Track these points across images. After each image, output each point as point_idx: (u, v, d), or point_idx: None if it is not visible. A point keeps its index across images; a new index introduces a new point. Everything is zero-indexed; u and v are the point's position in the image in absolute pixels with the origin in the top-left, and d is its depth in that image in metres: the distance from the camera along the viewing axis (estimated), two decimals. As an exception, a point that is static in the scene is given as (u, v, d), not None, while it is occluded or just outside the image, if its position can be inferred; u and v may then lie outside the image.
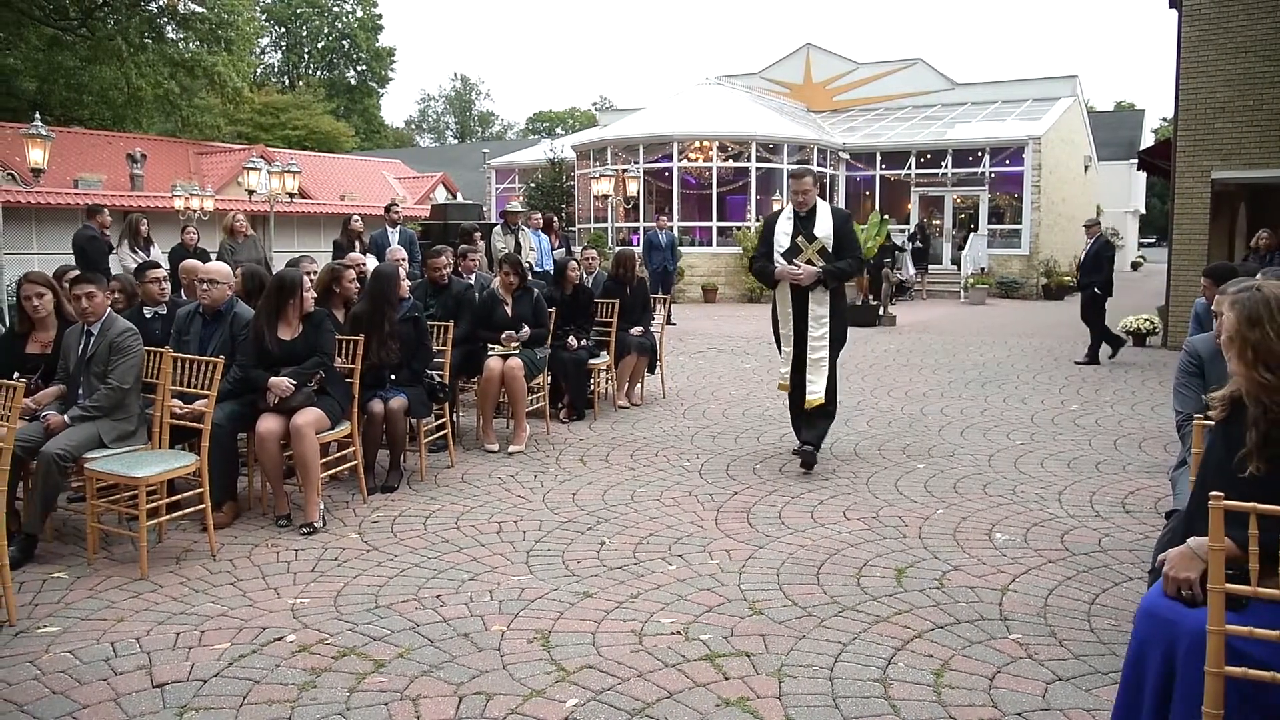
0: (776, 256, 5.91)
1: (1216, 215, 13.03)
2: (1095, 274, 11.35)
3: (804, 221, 5.92)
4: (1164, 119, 51.39)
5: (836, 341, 6.04)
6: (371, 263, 8.31)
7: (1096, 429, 7.34)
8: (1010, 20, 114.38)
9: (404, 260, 8.26)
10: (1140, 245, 45.71)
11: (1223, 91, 12.35)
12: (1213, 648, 2.10)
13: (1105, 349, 11.35)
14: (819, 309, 5.92)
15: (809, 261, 5.80)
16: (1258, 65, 12.09)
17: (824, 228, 5.89)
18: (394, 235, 11.29)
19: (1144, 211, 45.56)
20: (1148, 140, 39.65)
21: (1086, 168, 29.94)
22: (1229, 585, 2.13)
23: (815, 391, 5.90)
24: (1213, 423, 2.54)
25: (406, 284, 6.08)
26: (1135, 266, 39.37)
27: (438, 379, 6.08)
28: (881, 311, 15.88)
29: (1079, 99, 27.79)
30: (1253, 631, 2.10)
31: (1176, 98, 12.85)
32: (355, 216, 11.78)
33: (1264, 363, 2.36)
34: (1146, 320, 13.10)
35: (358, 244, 10.81)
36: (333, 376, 5.21)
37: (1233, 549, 2.18)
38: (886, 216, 19.37)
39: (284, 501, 4.99)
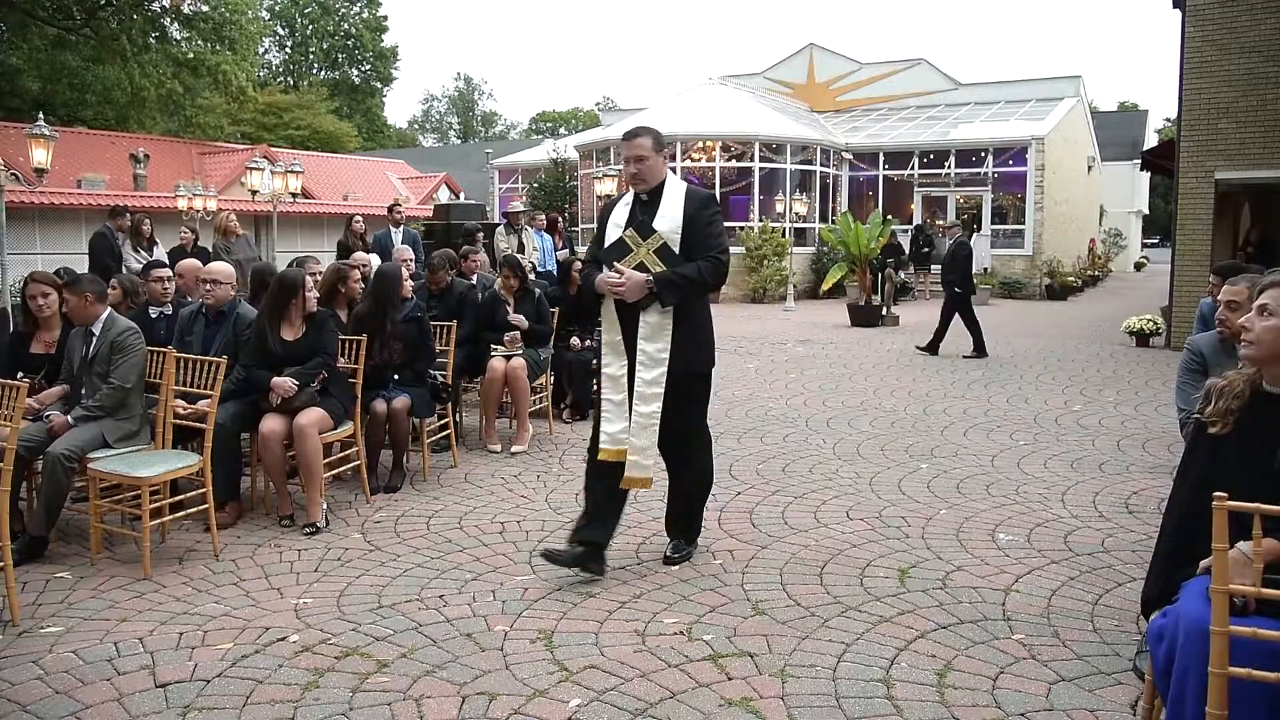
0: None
1: (1220, 215, 13.01)
2: (952, 273, 12.00)
3: (644, 207, 4.12)
4: (1167, 119, 51.29)
5: (689, 391, 4.12)
6: (375, 263, 8.32)
7: (1100, 429, 7.33)
8: (1014, 20, 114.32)
9: (410, 260, 8.27)
10: (1144, 245, 45.69)
11: (1226, 92, 12.33)
12: (1216, 648, 2.09)
13: (970, 346, 11.78)
14: (652, 340, 4.00)
15: (640, 266, 3.99)
16: (1261, 65, 12.07)
17: (669, 217, 4.04)
18: (397, 235, 11.30)
19: (1147, 212, 45.51)
20: (1151, 140, 39.62)
21: (1090, 168, 29.92)
22: (1265, 590, 2.12)
23: (635, 464, 4.00)
24: (1216, 431, 2.49)
25: (409, 284, 6.09)
26: (1139, 267, 39.34)
27: (440, 379, 6.08)
28: (884, 312, 15.87)
29: (1082, 99, 27.77)
30: (1256, 632, 2.09)
31: (1180, 98, 12.83)
32: (357, 217, 11.80)
33: None
34: (1150, 320, 13.08)
35: (361, 244, 10.82)
36: (336, 377, 5.21)
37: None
38: (890, 217, 19.37)
39: (287, 501, 4.99)
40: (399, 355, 5.68)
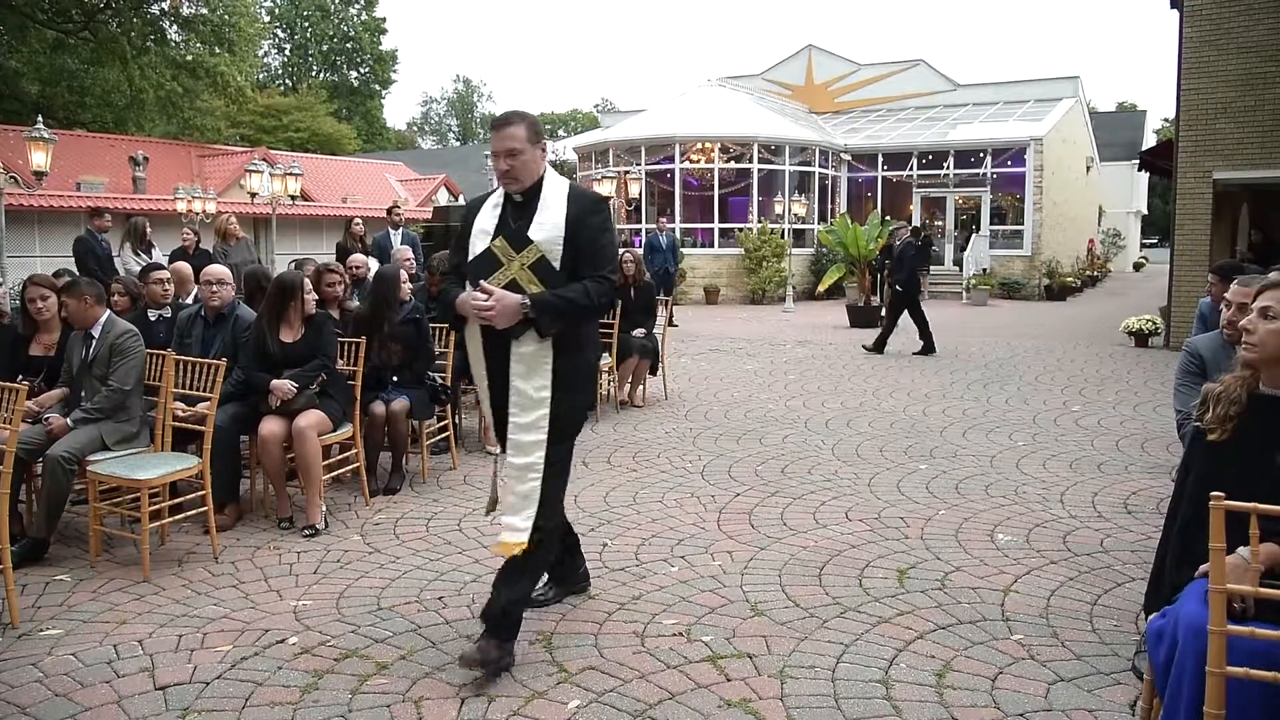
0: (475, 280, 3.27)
1: (1218, 216, 13.02)
2: (899, 272, 12.33)
3: (518, 212, 3.33)
4: (1166, 119, 51.35)
5: (561, 432, 3.30)
6: (374, 265, 8.32)
7: (1099, 429, 7.33)
8: (1012, 21, 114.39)
9: (410, 260, 8.27)
10: (1143, 246, 45.68)
11: (1224, 92, 12.34)
12: (1213, 648, 2.09)
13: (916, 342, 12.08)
14: (529, 377, 3.23)
15: (512, 284, 3.20)
16: (1259, 65, 12.09)
17: (549, 225, 3.27)
18: (396, 237, 11.30)
19: (1146, 212, 45.53)
20: (1149, 141, 39.64)
21: (1088, 168, 29.95)
22: (1262, 590, 2.12)
23: (511, 525, 3.24)
24: (1216, 438, 2.48)
25: (408, 286, 6.09)
26: (1138, 267, 39.36)
27: (440, 381, 6.08)
28: (883, 312, 15.85)
29: (1081, 100, 27.79)
30: (1254, 632, 2.10)
31: (1178, 98, 12.84)
32: (357, 219, 11.80)
33: None
34: (1149, 321, 13.09)
35: (360, 246, 10.82)
36: (335, 379, 5.21)
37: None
38: (889, 218, 19.39)
39: (286, 504, 4.99)
40: (398, 357, 5.68)
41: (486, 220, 3.36)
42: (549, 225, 3.27)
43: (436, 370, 6.12)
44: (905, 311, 12.15)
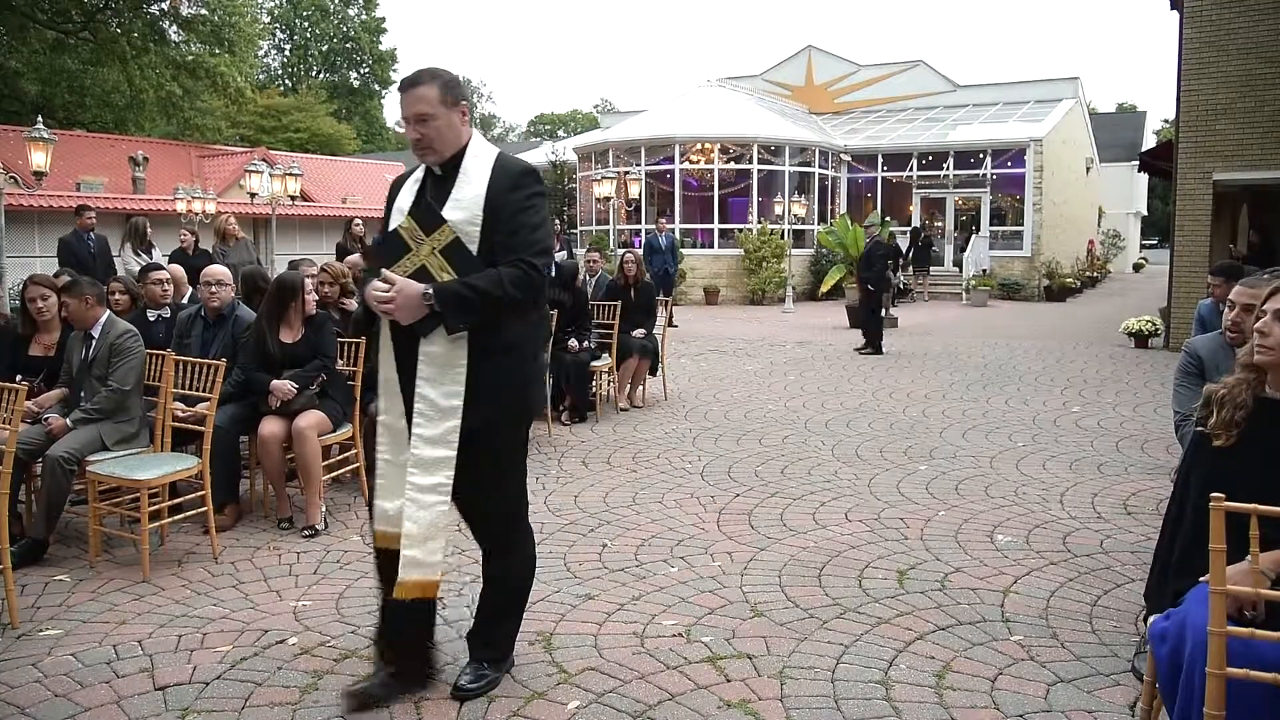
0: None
1: (1218, 217, 13.04)
2: (868, 271, 12.66)
3: (436, 186, 2.92)
4: (1166, 120, 51.38)
5: (492, 454, 2.95)
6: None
7: (1099, 430, 7.33)
8: (1012, 22, 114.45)
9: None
10: (1143, 247, 45.69)
11: (1224, 93, 12.35)
12: (1214, 649, 2.09)
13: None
14: (436, 381, 2.82)
15: (420, 272, 2.79)
16: (1259, 67, 12.10)
17: (466, 201, 2.84)
18: (396, 238, 11.28)
19: (1146, 213, 45.53)
20: (1149, 142, 39.65)
21: (1088, 169, 29.96)
22: (1264, 592, 2.11)
23: (413, 561, 2.85)
24: (1222, 444, 2.43)
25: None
26: (1138, 268, 39.37)
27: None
28: (883, 313, 15.84)
29: (1081, 100, 27.81)
30: (1254, 633, 2.10)
31: (1178, 99, 12.85)
32: (356, 219, 11.80)
33: None
34: (1149, 321, 13.10)
35: (360, 247, 10.83)
36: (335, 379, 5.21)
37: None
38: (889, 219, 19.39)
39: (286, 504, 4.99)
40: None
41: (404, 198, 2.94)
42: (466, 202, 2.82)
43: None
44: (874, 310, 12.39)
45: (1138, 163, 24.01)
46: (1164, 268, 16.22)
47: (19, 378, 4.77)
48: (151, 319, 5.63)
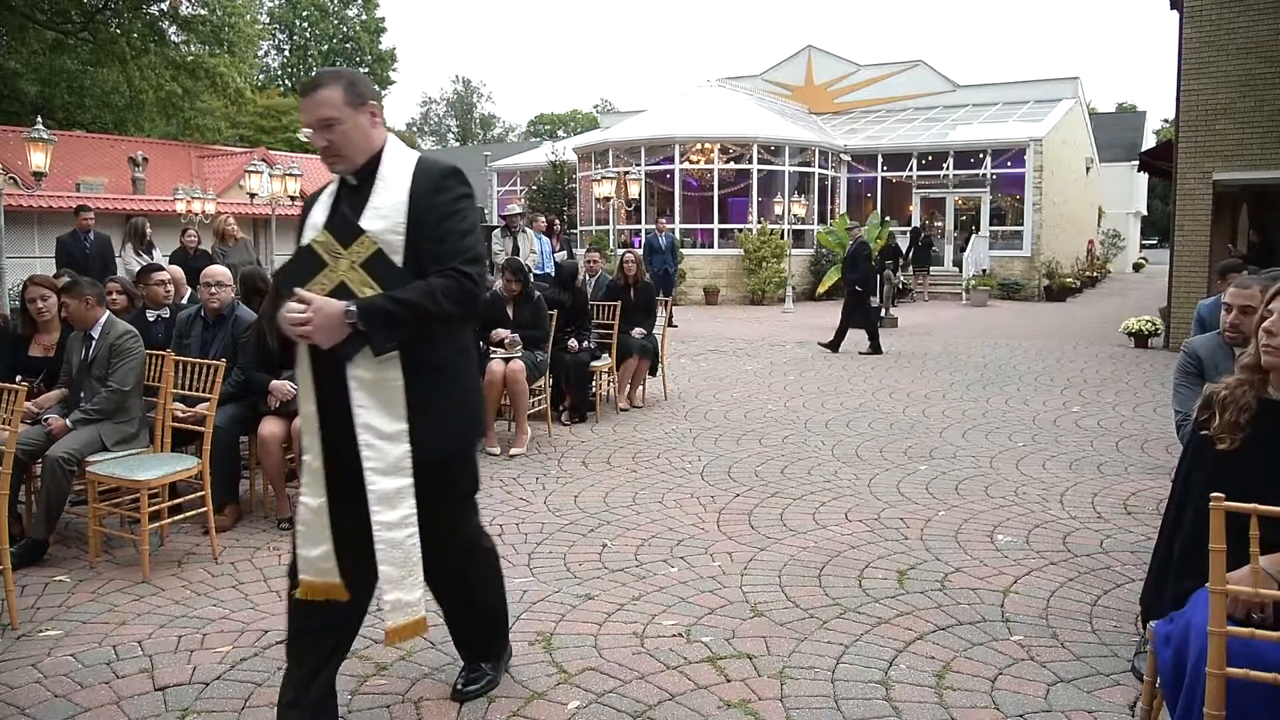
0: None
1: (1218, 217, 13.03)
2: (852, 272, 12.55)
3: (352, 196, 2.67)
4: (1165, 120, 51.38)
5: (438, 486, 2.69)
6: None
7: (1098, 430, 7.33)
8: (1012, 22, 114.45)
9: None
10: (1142, 246, 45.70)
11: (1224, 93, 12.35)
12: (1214, 649, 2.09)
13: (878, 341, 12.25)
14: (378, 409, 2.55)
15: (339, 290, 2.53)
16: (1259, 67, 12.10)
17: (386, 209, 2.59)
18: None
19: (1146, 213, 45.54)
20: (1149, 142, 39.66)
21: (1088, 169, 29.97)
22: (1263, 591, 2.11)
23: (397, 602, 2.61)
24: (1226, 448, 2.40)
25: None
26: (1137, 268, 39.38)
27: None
28: (883, 313, 15.87)
29: (1080, 100, 27.82)
30: (1254, 633, 2.09)
31: (1178, 99, 12.86)
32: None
33: None
34: (1149, 321, 13.11)
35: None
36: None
37: None
38: (889, 219, 19.40)
39: (286, 504, 4.98)
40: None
41: (319, 213, 2.69)
42: (387, 209, 2.57)
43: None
44: (853, 311, 12.38)
45: (1137, 163, 24.02)
46: (1164, 268, 16.22)
47: (19, 378, 4.78)
48: (151, 319, 5.62)
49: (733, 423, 7.70)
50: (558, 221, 14.48)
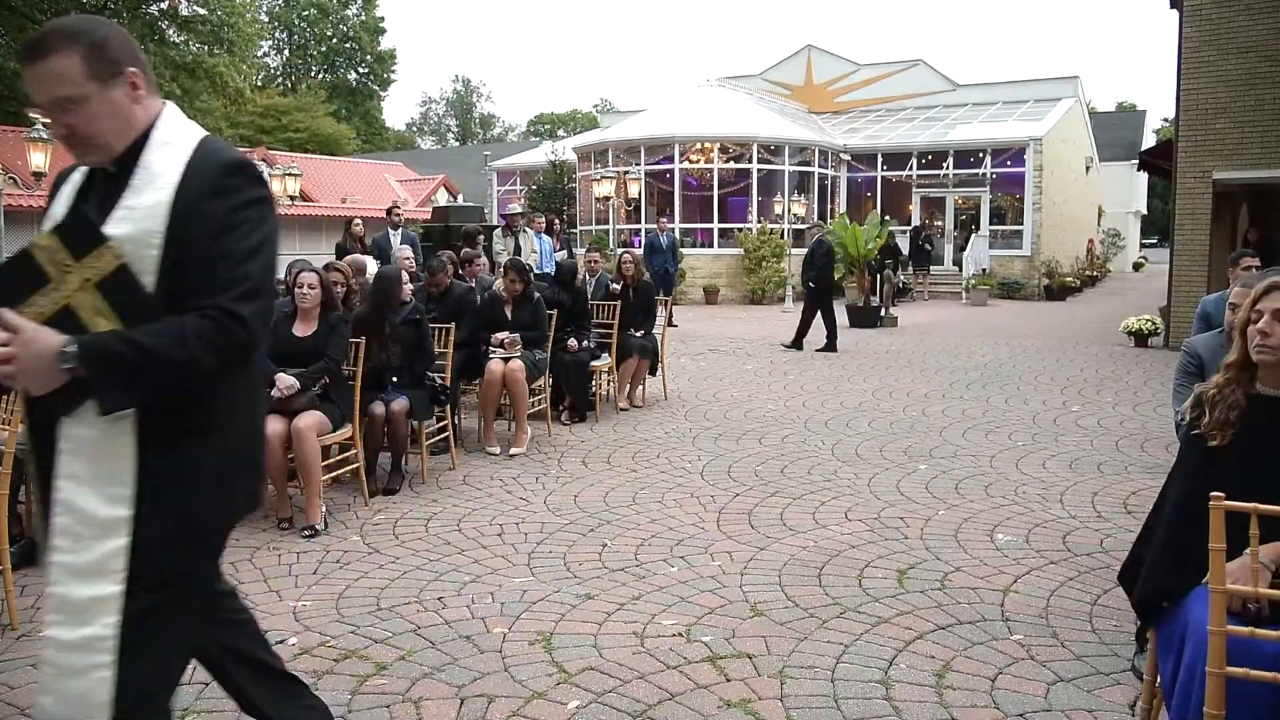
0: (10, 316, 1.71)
1: (1218, 216, 13.03)
2: (810, 269, 12.86)
3: (105, 189, 1.87)
4: (1165, 119, 51.37)
5: (150, 606, 1.79)
6: (372, 266, 8.32)
7: (1098, 430, 7.33)
8: (1011, 21, 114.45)
9: (410, 259, 8.28)
10: (1142, 246, 45.69)
11: (1224, 92, 12.35)
12: (1214, 648, 2.09)
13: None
14: (90, 483, 1.78)
15: (63, 317, 1.75)
16: (1259, 65, 12.10)
17: (140, 211, 1.80)
18: (396, 237, 11.32)
19: (1145, 212, 45.54)
20: (1149, 141, 39.64)
21: (1088, 168, 29.96)
22: (1263, 591, 2.11)
23: (60, 692, 1.77)
24: (1217, 444, 2.43)
25: (408, 287, 6.08)
26: (1137, 267, 39.38)
27: (439, 381, 6.08)
28: (883, 313, 15.87)
29: (1080, 100, 27.83)
30: (1254, 632, 2.10)
31: (1178, 98, 12.86)
32: (356, 219, 11.80)
33: None
34: (1148, 321, 13.10)
35: (360, 247, 10.84)
36: (338, 382, 5.21)
37: None
38: (888, 218, 19.39)
39: (286, 504, 4.99)
40: (398, 357, 5.68)
41: (60, 205, 1.96)
42: (142, 212, 1.80)
43: (436, 371, 6.12)
44: (819, 310, 12.63)
45: (1137, 162, 24.02)
46: (1163, 267, 16.22)
47: None
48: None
49: (732, 422, 7.70)
50: (558, 221, 14.48)
